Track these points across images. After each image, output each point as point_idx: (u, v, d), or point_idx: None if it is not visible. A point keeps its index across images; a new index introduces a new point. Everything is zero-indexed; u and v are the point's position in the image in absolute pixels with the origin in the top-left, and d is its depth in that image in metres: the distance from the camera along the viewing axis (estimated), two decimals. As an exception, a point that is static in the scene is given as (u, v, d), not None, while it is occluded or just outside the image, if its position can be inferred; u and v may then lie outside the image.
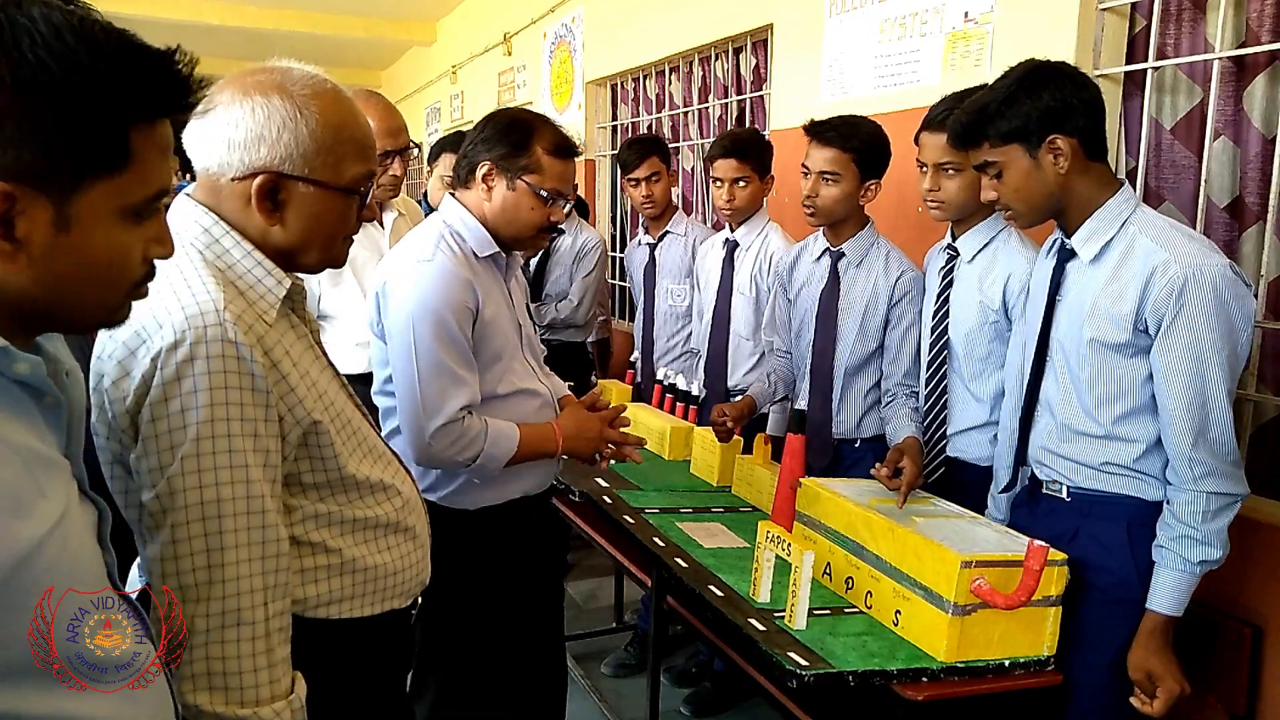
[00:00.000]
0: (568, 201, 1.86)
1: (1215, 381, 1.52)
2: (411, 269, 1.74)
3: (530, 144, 1.80)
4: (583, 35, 5.38)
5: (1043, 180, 1.63)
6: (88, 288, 0.81)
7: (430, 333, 1.70)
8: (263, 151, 1.14)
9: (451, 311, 1.71)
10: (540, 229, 1.85)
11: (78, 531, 0.80)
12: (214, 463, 1.05)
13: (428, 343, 1.70)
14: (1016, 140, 1.63)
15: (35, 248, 0.75)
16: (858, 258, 2.33)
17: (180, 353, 1.04)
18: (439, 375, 1.70)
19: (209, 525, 1.05)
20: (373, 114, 2.40)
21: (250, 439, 1.08)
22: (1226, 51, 2.10)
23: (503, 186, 1.81)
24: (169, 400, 1.03)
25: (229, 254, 1.16)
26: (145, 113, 0.79)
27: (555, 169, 1.81)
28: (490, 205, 1.82)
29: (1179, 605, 1.56)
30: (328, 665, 1.24)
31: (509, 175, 1.80)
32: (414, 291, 1.71)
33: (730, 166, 2.77)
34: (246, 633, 1.07)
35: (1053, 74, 1.62)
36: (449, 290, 1.71)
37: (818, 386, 2.36)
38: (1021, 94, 1.61)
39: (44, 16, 0.72)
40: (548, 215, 1.84)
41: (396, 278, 1.76)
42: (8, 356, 0.75)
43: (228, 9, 7.49)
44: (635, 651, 3.19)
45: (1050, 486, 1.75)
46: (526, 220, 1.83)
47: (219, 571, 1.05)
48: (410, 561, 1.34)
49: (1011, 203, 1.69)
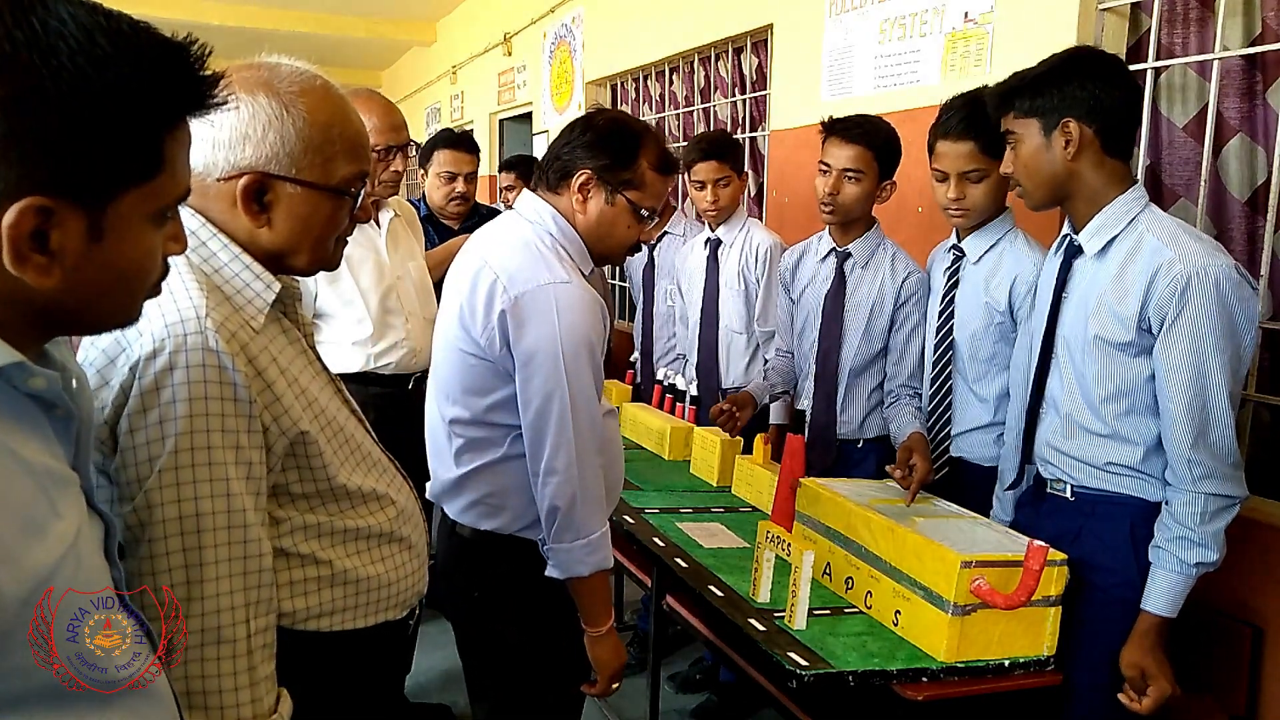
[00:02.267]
0: (659, 219, 1.72)
1: (1216, 383, 1.52)
2: (549, 292, 1.52)
3: (637, 157, 1.61)
4: (583, 35, 5.38)
5: (1050, 161, 1.65)
6: (115, 293, 0.79)
7: (587, 363, 1.53)
8: (248, 151, 1.10)
9: (597, 337, 1.57)
10: (630, 248, 1.71)
11: (89, 551, 0.79)
12: (193, 476, 1.01)
13: (582, 373, 1.53)
14: (1035, 116, 1.66)
15: (68, 258, 0.73)
16: (864, 258, 2.32)
17: (159, 362, 1.00)
18: (591, 404, 1.55)
19: (188, 540, 1.01)
20: (372, 110, 2.40)
21: (232, 451, 1.04)
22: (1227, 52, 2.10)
23: (600, 199, 1.62)
24: (147, 411, 1.00)
25: (215, 257, 1.12)
26: (175, 116, 0.78)
27: (658, 186, 1.65)
28: (584, 218, 1.63)
29: (1173, 606, 1.56)
30: (319, 679, 1.20)
31: (609, 188, 1.61)
32: (562, 318, 1.51)
33: (711, 168, 2.80)
34: (227, 650, 1.03)
35: (1091, 65, 1.64)
36: (593, 316, 1.55)
37: (822, 388, 2.36)
38: (1053, 76, 1.65)
39: (73, 17, 0.70)
40: (639, 234, 1.68)
41: (534, 300, 1.52)
42: (24, 371, 0.74)
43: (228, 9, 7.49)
44: (635, 651, 3.19)
45: (1054, 485, 1.75)
46: (621, 238, 1.66)
47: (198, 588, 1.02)
48: (405, 573, 1.30)
49: (1020, 176, 1.71)
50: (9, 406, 0.74)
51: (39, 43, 0.68)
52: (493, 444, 1.61)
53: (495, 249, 1.61)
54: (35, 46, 0.68)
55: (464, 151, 3.40)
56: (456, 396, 1.62)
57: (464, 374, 1.60)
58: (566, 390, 1.52)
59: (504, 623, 1.69)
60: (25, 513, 0.72)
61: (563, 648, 1.73)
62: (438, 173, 3.39)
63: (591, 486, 1.57)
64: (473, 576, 1.69)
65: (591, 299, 1.56)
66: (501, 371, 1.56)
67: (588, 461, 1.55)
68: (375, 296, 2.48)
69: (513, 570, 1.66)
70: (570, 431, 1.53)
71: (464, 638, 1.78)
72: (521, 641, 1.70)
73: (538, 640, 1.70)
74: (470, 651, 1.78)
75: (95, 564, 0.81)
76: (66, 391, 0.79)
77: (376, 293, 2.48)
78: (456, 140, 3.42)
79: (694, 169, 2.82)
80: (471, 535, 1.67)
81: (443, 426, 1.66)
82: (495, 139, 7.39)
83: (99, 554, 0.83)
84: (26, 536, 0.71)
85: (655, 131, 1.71)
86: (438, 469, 1.72)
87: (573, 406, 1.52)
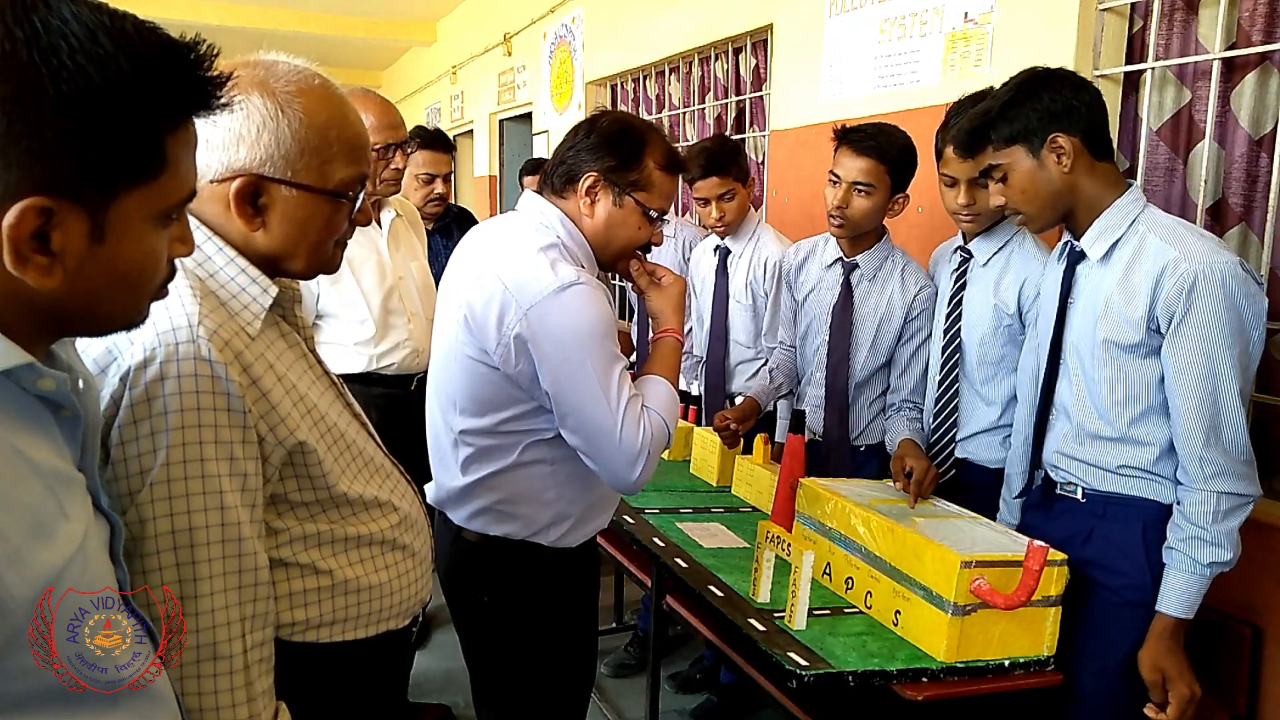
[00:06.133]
0: (667, 220, 1.69)
1: (1227, 379, 1.51)
2: (560, 298, 1.49)
3: (643, 157, 1.59)
4: (583, 35, 5.38)
5: (1048, 179, 1.64)
6: (118, 294, 0.79)
7: (605, 360, 1.51)
8: (241, 152, 1.07)
9: (611, 328, 1.54)
10: (638, 249, 1.69)
11: (96, 552, 0.79)
12: (186, 489, 0.98)
13: (605, 370, 1.51)
14: (1019, 142, 1.64)
15: (70, 259, 0.72)
16: (871, 271, 2.29)
17: (150, 371, 0.97)
18: (623, 397, 1.52)
19: (181, 554, 0.98)
20: (370, 109, 2.40)
21: (226, 462, 1.01)
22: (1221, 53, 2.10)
23: (608, 202, 1.60)
24: (138, 422, 0.97)
25: (211, 261, 1.09)
26: (179, 116, 0.77)
27: (666, 186, 1.63)
28: (592, 221, 1.61)
29: (1189, 607, 1.55)
30: (320, 691, 1.18)
31: (617, 190, 1.59)
32: (575, 319, 1.49)
33: (714, 185, 2.70)
34: (224, 666, 1.01)
35: (1050, 78, 1.65)
36: (604, 308, 1.53)
37: (833, 403, 2.33)
38: (1021, 98, 1.64)
39: (76, 16, 0.69)
40: (649, 235, 1.66)
41: (547, 311, 1.49)
42: (33, 372, 0.73)
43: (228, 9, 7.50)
44: (635, 652, 3.19)
45: (1065, 488, 1.75)
46: (630, 240, 1.64)
47: (192, 603, 0.99)
48: (408, 581, 1.26)
49: (1019, 205, 1.69)
50: (18, 408, 0.74)
51: (40, 42, 0.68)
52: (504, 452, 1.59)
53: (499, 255, 1.58)
54: (36, 46, 0.68)
55: (441, 151, 3.34)
56: (465, 406, 1.59)
57: (475, 383, 1.57)
58: (597, 384, 1.50)
59: (512, 627, 1.68)
60: (34, 514, 0.72)
61: (570, 651, 1.73)
62: (415, 174, 3.30)
63: (660, 434, 1.55)
64: (481, 581, 1.68)
65: (601, 292, 1.54)
66: (516, 383, 1.54)
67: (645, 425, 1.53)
68: (377, 297, 2.48)
69: (521, 574, 1.65)
70: (612, 428, 1.50)
71: (470, 643, 1.76)
72: (529, 645, 1.69)
73: (545, 644, 1.70)
74: (477, 656, 1.76)
75: (101, 565, 0.81)
76: (74, 393, 0.79)
77: (379, 293, 2.48)
78: (434, 140, 3.34)
79: (695, 186, 2.73)
80: (479, 540, 1.65)
81: (448, 434, 1.64)
82: (495, 139, 7.39)
83: (105, 555, 0.83)
84: (36, 537, 0.71)
85: (660, 131, 1.69)
86: (441, 476, 1.69)
87: (613, 407, 1.50)
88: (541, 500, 1.61)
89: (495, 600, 1.68)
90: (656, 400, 1.58)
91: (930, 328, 2.23)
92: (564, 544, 1.65)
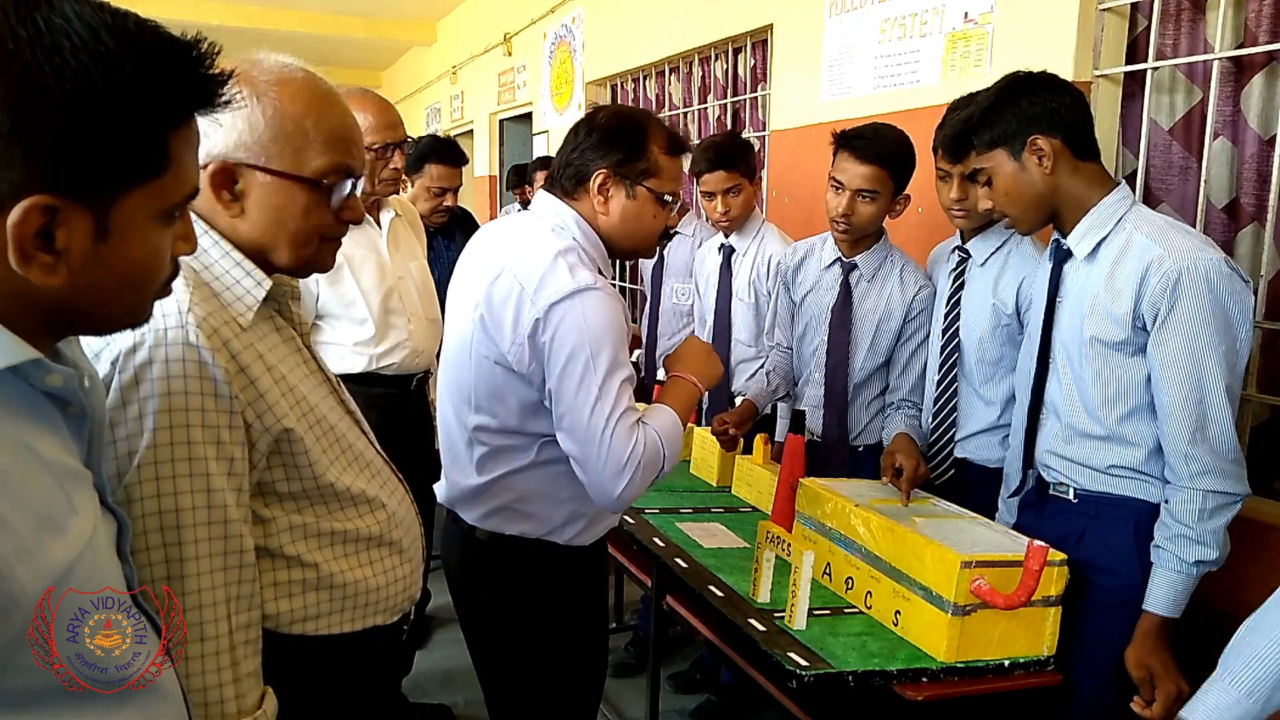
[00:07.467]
0: (679, 202, 1.69)
1: (1213, 376, 1.52)
2: (572, 301, 1.50)
3: (647, 145, 1.60)
4: (583, 35, 5.38)
5: (1030, 181, 1.66)
6: (122, 293, 0.79)
7: (610, 366, 1.51)
8: (215, 138, 1.08)
9: (624, 339, 1.55)
10: (662, 237, 1.71)
11: (104, 548, 0.79)
12: (173, 470, 1.00)
13: (608, 375, 1.50)
14: (999, 145, 1.67)
15: (74, 258, 0.73)
16: (870, 271, 2.29)
17: (139, 356, 1.00)
18: (620, 405, 1.52)
19: (168, 535, 1.01)
20: (368, 109, 2.40)
21: (213, 445, 1.03)
22: (1226, 52, 2.10)
23: (622, 196, 1.60)
24: (126, 405, 0.99)
25: (206, 254, 1.11)
26: (181, 114, 0.78)
27: (673, 169, 1.65)
28: (609, 218, 1.62)
29: (1175, 606, 1.56)
30: (307, 683, 1.19)
31: (628, 182, 1.60)
32: (589, 323, 1.50)
33: (720, 178, 2.71)
34: (210, 647, 1.03)
35: (1030, 82, 1.68)
36: (619, 318, 1.54)
37: (832, 404, 2.33)
38: (1001, 102, 1.67)
39: (78, 15, 0.69)
40: (665, 221, 1.67)
41: (563, 312, 1.50)
42: (41, 368, 0.74)
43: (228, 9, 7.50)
44: (635, 652, 3.19)
45: (1057, 488, 1.75)
46: (649, 229, 1.65)
47: (179, 584, 1.01)
48: (396, 577, 1.28)
49: (1004, 207, 1.72)
50: (27, 404, 0.74)
51: (43, 40, 0.68)
52: (520, 451, 1.60)
53: (517, 256, 1.57)
54: (39, 44, 0.68)
55: (455, 166, 3.35)
56: (482, 404, 1.59)
57: (491, 382, 1.57)
58: (597, 386, 1.49)
59: (527, 626, 1.68)
60: (45, 509, 0.72)
61: (584, 649, 1.73)
62: (428, 186, 3.31)
63: (654, 452, 1.52)
64: (490, 580, 1.68)
65: (617, 301, 1.55)
66: (530, 383, 1.54)
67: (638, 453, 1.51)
68: (377, 297, 2.48)
69: (536, 573, 1.66)
70: (605, 444, 1.48)
71: (481, 644, 1.76)
72: (545, 645, 1.69)
73: (561, 643, 1.70)
74: (489, 658, 1.76)
75: (109, 561, 0.81)
76: (80, 389, 0.80)
77: (378, 293, 2.48)
78: (449, 154, 3.34)
79: (702, 179, 2.74)
80: (490, 539, 1.65)
81: (462, 434, 1.64)
82: (495, 139, 7.39)
83: (113, 552, 0.83)
84: (46, 533, 0.71)
85: (657, 116, 1.71)
86: (454, 475, 1.69)
87: (609, 412, 1.49)
88: (556, 499, 1.62)
89: (509, 600, 1.68)
90: (658, 422, 1.57)
91: (929, 327, 2.23)
92: (578, 542, 1.67)
